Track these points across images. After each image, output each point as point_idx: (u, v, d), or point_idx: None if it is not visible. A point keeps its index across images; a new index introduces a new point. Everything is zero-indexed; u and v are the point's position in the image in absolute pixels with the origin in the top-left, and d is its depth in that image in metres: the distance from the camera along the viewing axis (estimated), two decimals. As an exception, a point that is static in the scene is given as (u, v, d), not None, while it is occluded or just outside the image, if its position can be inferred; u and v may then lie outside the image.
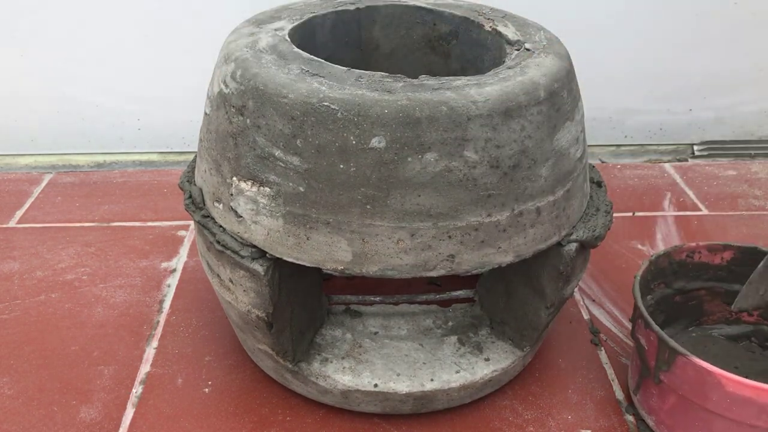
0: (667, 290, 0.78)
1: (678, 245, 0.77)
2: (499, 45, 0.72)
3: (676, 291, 0.78)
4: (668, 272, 0.77)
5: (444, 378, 0.69)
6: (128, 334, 0.82)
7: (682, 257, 0.77)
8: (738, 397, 0.60)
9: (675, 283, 0.78)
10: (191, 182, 0.71)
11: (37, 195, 1.12)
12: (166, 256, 0.97)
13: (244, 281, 0.63)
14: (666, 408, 0.67)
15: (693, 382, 0.62)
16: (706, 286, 0.79)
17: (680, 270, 0.77)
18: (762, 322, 0.78)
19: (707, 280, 0.78)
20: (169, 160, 1.24)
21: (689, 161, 1.26)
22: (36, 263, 0.94)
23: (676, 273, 0.77)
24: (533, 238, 0.63)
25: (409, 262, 0.60)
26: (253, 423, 0.71)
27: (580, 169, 0.66)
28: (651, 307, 0.76)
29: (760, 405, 0.59)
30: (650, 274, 0.75)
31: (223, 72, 0.63)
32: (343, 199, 0.58)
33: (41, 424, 0.71)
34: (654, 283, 0.76)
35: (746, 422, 0.61)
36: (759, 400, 0.59)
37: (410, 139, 0.56)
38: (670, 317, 0.79)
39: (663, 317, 0.78)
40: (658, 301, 0.77)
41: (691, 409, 0.64)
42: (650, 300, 0.76)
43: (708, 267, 0.78)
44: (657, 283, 0.77)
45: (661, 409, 0.68)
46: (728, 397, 0.60)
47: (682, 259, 0.77)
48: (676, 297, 0.78)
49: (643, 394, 0.70)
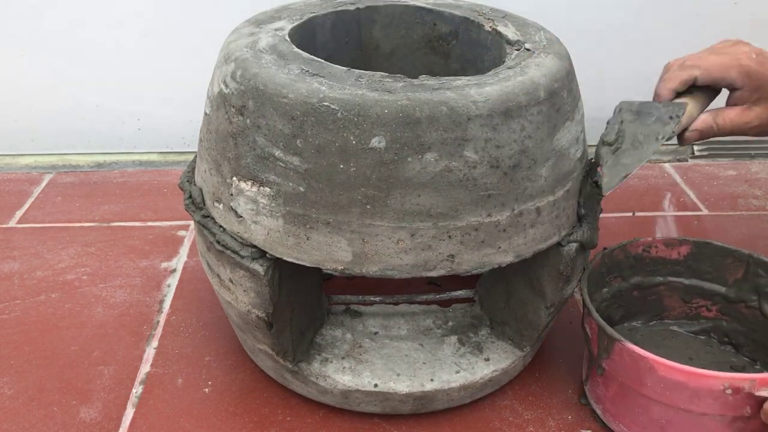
0: (623, 284, 0.77)
1: (633, 239, 0.76)
2: (499, 45, 0.72)
3: (633, 285, 0.78)
4: (624, 266, 0.77)
5: (444, 378, 0.69)
6: (128, 334, 0.82)
7: (638, 251, 0.77)
8: (670, 381, 0.60)
9: (632, 277, 0.78)
10: (191, 182, 0.71)
11: (37, 195, 1.12)
12: (166, 256, 0.97)
13: (244, 281, 0.63)
14: (609, 396, 0.68)
15: (629, 368, 0.63)
16: (664, 281, 0.78)
17: (636, 264, 0.77)
18: (721, 317, 0.78)
19: (665, 275, 0.78)
20: (169, 160, 1.24)
21: (689, 161, 1.26)
22: (36, 263, 0.94)
23: (633, 267, 0.77)
24: (533, 238, 0.63)
25: (409, 262, 0.60)
26: (253, 423, 0.71)
27: (580, 169, 0.66)
28: (607, 300, 0.76)
29: (692, 389, 0.59)
30: (604, 267, 0.75)
31: (223, 72, 0.63)
32: (343, 199, 0.58)
33: (41, 424, 0.71)
34: (610, 277, 0.76)
35: (680, 407, 0.61)
36: (690, 384, 0.59)
37: (410, 139, 0.56)
38: (629, 312, 0.79)
39: (622, 312, 0.79)
40: (614, 295, 0.77)
41: (630, 396, 0.65)
42: (606, 293, 0.76)
43: (665, 262, 0.78)
44: (613, 276, 0.76)
45: (605, 397, 0.68)
46: (662, 381, 0.61)
47: (638, 253, 0.77)
48: (634, 291, 0.78)
49: (590, 383, 0.71)
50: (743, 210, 1.10)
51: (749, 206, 1.11)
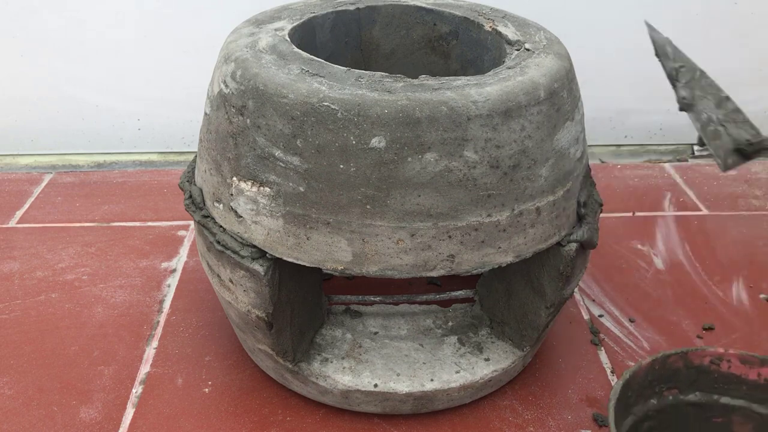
0: (679, 397, 0.64)
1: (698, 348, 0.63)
2: (499, 45, 0.72)
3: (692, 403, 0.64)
4: (683, 377, 0.64)
5: (444, 378, 0.69)
6: (128, 334, 0.82)
7: (704, 362, 0.63)
8: None
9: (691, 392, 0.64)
10: (191, 182, 0.71)
11: (37, 195, 1.12)
12: (166, 256, 0.97)
13: (244, 281, 0.63)
14: None
15: None
16: (735, 404, 0.64)
17: (699, 378, 0.64)
18: None
19: (738, 397, 0.64)
20: (169, 160, 1.24)
21: (689, 161, 1.26)
22: (36, 263, 0.94)
23: (694, 381, 0.64)
24: (533, 238, 0.63)
25: (409, 262, 0.60)
26: (253, 423, 0.71)
27: (580, 169, 0.66)
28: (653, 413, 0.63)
29: None
30: (652, 375, 0.62)
31: (223, 72, 0.63)
32: (343, 199, 0.58)
33: (41, 424, 0.71)
34: (660, 387, 0.63)
35: None
36: None
37: (410, 139, 0.56)
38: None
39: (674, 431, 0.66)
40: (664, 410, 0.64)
41: None
42: (653, 404, 0.63)
43: (740, 382, 0.63)
44: (665, 387, 0.63)
45: None
46: None
47: (703, 364, 0.63)
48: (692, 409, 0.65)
49: None
50: (743, 210, 1.10)
51: (749, 206, 1.11)
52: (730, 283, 0.93)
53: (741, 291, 0.91)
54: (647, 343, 0.82)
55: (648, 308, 0.88)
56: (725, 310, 0.88)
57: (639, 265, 0.96)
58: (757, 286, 0.92)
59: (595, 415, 0.72)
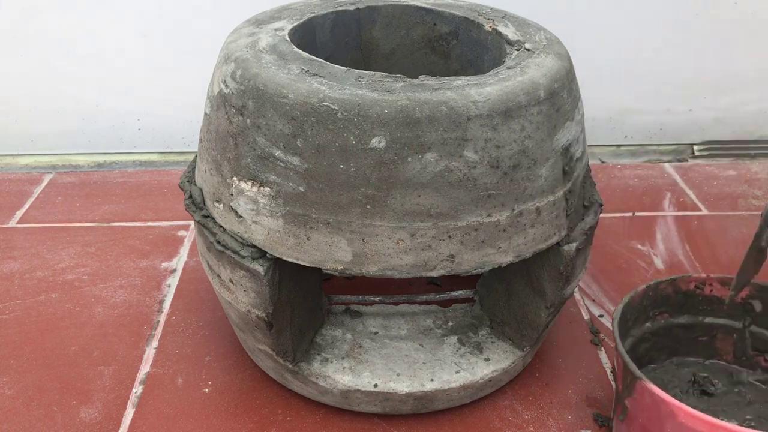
0: (670, 321, 0.72)
1: (685, 274, 0.71)
2: (499, 45, 0.72)
3: (681, 324, 0.73)
4: (672, 302, 0.71)
5: (444, 378, 0.69)
6: (128, 334, 0.82)
7: (690, 287, 0.71)
8: (691, 430, 0.56)
9: (680, 315, 0.72)
10: (191, 182, 0.71)
11: (37, 195, 1.12)
12: (166, 256, 0.97)
13: (244, 281, 0.63)
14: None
15: (650, 410, 0.59)
16: (717, 323, 0.72)
17: (687, 302, 0.72)
18: None
19: (720, 316, 0.72)
20: (169, 160, 1.24)
21: (689, 161, 1.26)
22: (36, 263, 0.94)
23: (682, 305, 0.72)
24: (533, 238, 0.63)
25: (409, 262, 0.60)
26: (253, 423, 0.71)
27: (580, 169, 0.66)
28: (649, 336, 0.71)
29: None
30: (647, 300, 0.69)
31: (223, 72, 0.63)
32: (343, 199, 0.58)
33: (41, 424, 0.71)
34: (654, 311, 0.71)
35: None
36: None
37: (410, 139, 0.56)
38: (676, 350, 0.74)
39: (668, 350, 0.73)
40: (657, 332, 0.72)
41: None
42: (648, 328, 0.71)
43: (720, 302, 0.71)
44: (658, 311, 0.71)
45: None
46: (682, 429, 0.56)
47: (689, 289, 0.71)
48: (681, 330, 0.73)
49: (615, 421, 0.67)
50: (743, 210, 1.10)
51: (749, 206, 1.11)
52: (730, 283, 0.93)
53: (741, 291, 0.91)
54: (647, 343, 0.82)
55: (648, 308, 0.88)
56: (725, 310, 0.88)
57: (639, 265, 0.96)
58: (757, 286, 0.92)
59: (595, 415, 0.72)
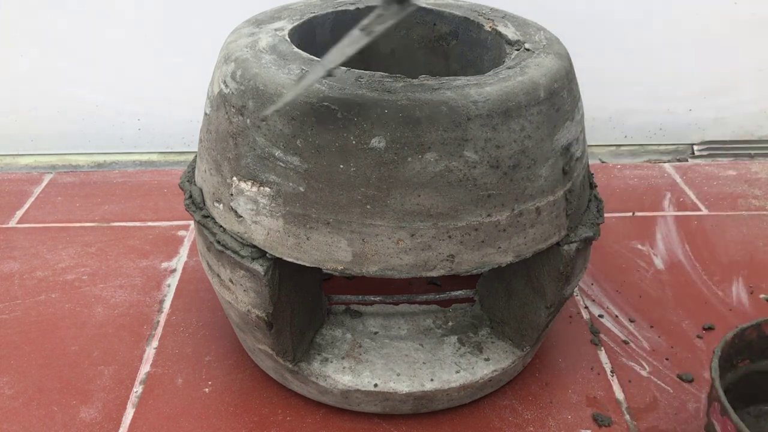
0: (752, 366, 0.69)
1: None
2: (499, 45, 0.72)
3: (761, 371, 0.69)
4: (755, 347, 0.68)
5: (444, 378, 0.69)
6: (128, 334, 0.82)
7: None
8: None
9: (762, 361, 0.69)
10: (191, 182, 0.71)
11: (37, 195, 1.12)
12: (166, 256, 0.97)
13: (244, 281, 0.63)
14: None
15: None
16: None
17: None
18: None
19: None
20: (169, 160, 1.24)
21: (689, 161, 1.26)
22: (36, 263, 0.94)
23: (765, 350, 0.68)
24: (533, 238, 0.63)
25: (409, 262, 0.60)
26: (253, 423, 0.71)
27: (580, 169, 0.66)
28: (731, 386, 0.67)
29: None
30: (733, 348, 0.65)
31: (223, 72, 0.63)
32: (343, 199, 0.58)
33: (41, 424, 0.71)
34: (737, 359, 0.67)
35: None
36: None
37: (410, 139, 0.56)
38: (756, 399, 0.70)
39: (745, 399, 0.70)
40: (738, 381, 0.68)
41: None
42: (730, 378, 0.67)
43: None
44: (741, 359, 0.68)
45: None
46: None
47: None
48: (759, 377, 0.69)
49: None
50: (743, 210, 1.10)
51: (749, 206, 1.11)
52: (729, 283, 0.93)
53: (741, 291, 0.91)
54: (647, 343, 0.82)
55: (648, 308, 0.88)
56: (725, 310, 0.88)
57: (639, 265, 0.96)
58: (757, 286, 0.92)
59: (595, 415, 0.72)
